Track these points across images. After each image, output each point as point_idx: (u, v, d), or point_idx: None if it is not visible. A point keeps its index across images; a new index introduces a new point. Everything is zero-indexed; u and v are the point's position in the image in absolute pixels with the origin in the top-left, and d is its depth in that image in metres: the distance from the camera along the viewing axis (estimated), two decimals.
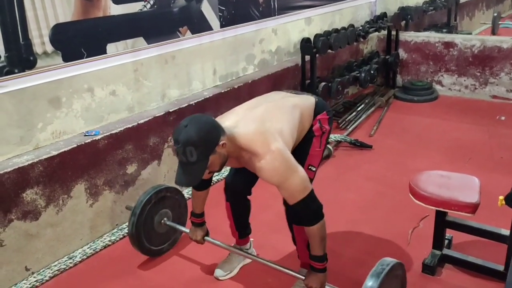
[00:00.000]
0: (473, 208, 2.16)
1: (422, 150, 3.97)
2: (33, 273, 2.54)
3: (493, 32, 7.29)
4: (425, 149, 3.98)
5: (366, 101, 5.17)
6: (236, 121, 1.95)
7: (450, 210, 2.23)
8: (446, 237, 2.52)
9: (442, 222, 2.42)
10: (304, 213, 1.93)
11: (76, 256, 2.72)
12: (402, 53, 5.63)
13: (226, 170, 3.27)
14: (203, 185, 2.26)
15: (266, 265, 2.28)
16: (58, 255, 2.67)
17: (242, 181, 2.34)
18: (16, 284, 2.47)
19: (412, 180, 2.42)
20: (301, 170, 1.88)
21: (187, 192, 3.18)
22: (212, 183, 2.38)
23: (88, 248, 2.79)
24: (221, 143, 1.79)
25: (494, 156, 3.77)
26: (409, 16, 6.10)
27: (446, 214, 2.41)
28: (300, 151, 2.18)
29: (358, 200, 3.25)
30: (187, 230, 2.50)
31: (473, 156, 3.76)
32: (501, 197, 2.01)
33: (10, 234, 2.42)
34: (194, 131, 1.73)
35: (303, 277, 2.07)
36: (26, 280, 2.50)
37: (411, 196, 2.37)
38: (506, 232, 2.26)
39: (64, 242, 2.69)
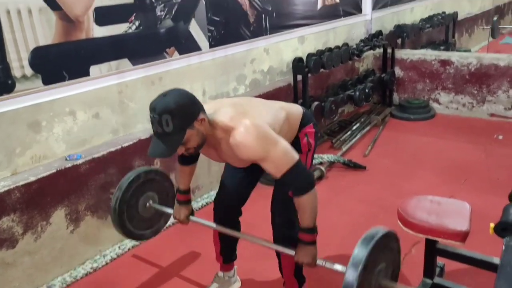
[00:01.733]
0: (462, 236, 2.06)
1: (418, 170, 3.88)
2: None
3: (493, 35, 7.17)
4: (421, 169, 3.89)
5: (362, 119, 5.10)
6: (216, 108, 1.87)
7: (439, 238, 2.13)
8: (437, 265, 2.41)
9: (432, 250, 2.31)
10: (293, 184, 1.81)
11: (55, 284, 2.63)
12: (398, 71, 5.57)
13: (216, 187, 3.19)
14: (188, 160, 2.16)
15: None
16: (36, 284, 2.59)
17: (232, 200, 2.26)
18: None
19: (401, 206, 2.32)
20: (282, 140, 1.78)
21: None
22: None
23: (68, 276, 2.70)
24: (200, 118, 1.71)
25: (491, 177, 3.67)
26: (405, 34, 6.06)
27: (437, 242, 2.30)
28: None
29: (351, 223, 3.15)
30: (171, 211, 2.34)
31: (469, 177, 3.67)
32: (492, 225, 1.91)
33: None
34: (172, 100, 1.65)
35: (293, 253, 1.92)
36: None
37: (399, 223, 2.27)
38: (498, 260, 2.15)
39: (42, 270, 2.61)
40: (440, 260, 2.44)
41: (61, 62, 2.68)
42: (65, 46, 2.68)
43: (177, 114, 1.64)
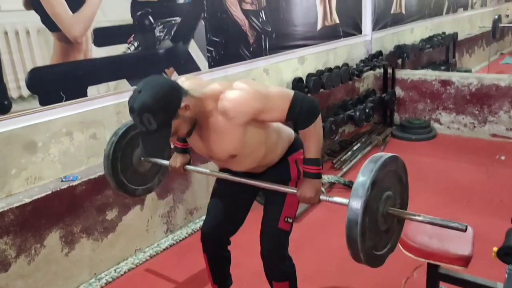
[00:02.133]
0: (465, 261, 2.01)
1: (419, 191, 3.82)
2: None
3: (494, 35, 7.14)
4: (422, 190, 3.83)
5: (363, 139, 5.07)
6: (201, 84, 1.78)
7: (441, 263, 2.08)
8: None
9: (434, 275, 2.25)
10: (300, 117, 1.72)
11: None
12: (399, 91, 5.57)
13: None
14: None
15: None
16: None
17: (220, 230, 2.17)
18: None
19: None
20: (270, 86, 1.74)
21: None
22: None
23: None
24: (183, 105, 1.60)
25: (493, 198, 3.62)
26: (405, 54, 6.08)
27: (439, 266, 2.25)
28: (274, 199, 2.02)
29: None
30: (167, 163, 2.17)
31: (472, 198, 3.61)
32: (495, 249, 1.87)
33: None
34: (149, 96, 1.53)
35: (295, 190, 1.81)
36: None
37: (400, 246, 2.22)
38: (501, 286, 2.09)
39: None
40: (443, 285, 2.38)
41: (58, 82, 2.67)
42: (63, 67, 2.67)
43: (157, 110, 1.54)
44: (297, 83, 4.15)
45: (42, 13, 2.53)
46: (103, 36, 2.85)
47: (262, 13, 4.08)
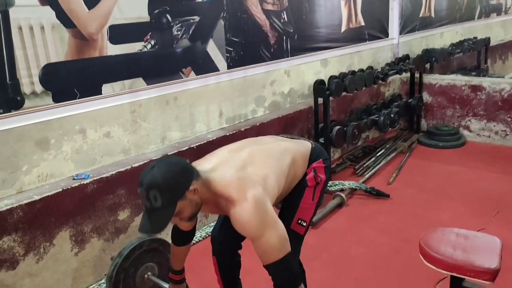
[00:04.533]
0: (491, 275, 1.85)
1: (445, 201, 3.64)
2: None
3: None
4: (448, 200, 3.65)
5: (387, 146, 4.90)
6: (215, 165, 1.76)
7: (465, 276, 1.92)
8: None
9: None
10: (276, 279, 1.66)
11: None
12: (426, 96, 5.37)
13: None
14: (182, 239, 2.05)
15: None
16: None
17: (230, 235, 2.07)
18: None
19: (423, 239, 2.12)
20: (280, 227, 1.64)
21: None
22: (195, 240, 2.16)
23: None
24: (192, 188, 1.58)
25: None
26: (433, 59, 5.87)
27: (464, 280, 2.09)
28: (290, 202, 1.97)
29: (370, 255, 2.94)
30: (167, 286, 2.25)
31: (501, 210, 3.40)
32: None
33: None
34: (159, 174, 1.54)
35: None
36: None
37: (421, 257, 2.08)
38: None
39: None
40: None
41: (72, 79, 2.64)
42: (78, 64, 2.64)
43: (165, 188, 1.53)
44: (318, 85, 4.02)
45: (57, 9, 2.51)
46: (119, 33, 2.81)
47: (284, 13, 3.99)
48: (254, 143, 1.95)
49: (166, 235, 2.34)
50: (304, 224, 1.95)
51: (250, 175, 1.70)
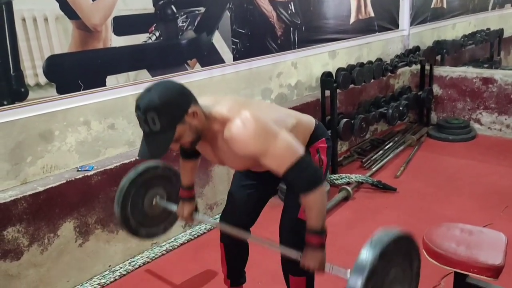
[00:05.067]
0: (494, 271, 1.82)
1: (453, 195, 3.59)
2: None
3: None
4: (456, 194, 3.60)
5: (396, 139, 4.85)
6: (216, 101, 1.71)
7: (468, 272, 1.89)
8: None
9: (462, 285, 2.07)
10: (298, 181, 1.61)
11: None
12: (437, 89, 5.29)
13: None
14: (190, 155, 2.01)
15: None
16: None
17: (240, 220, 2.09)
18: None
19: (427, 234, 2.09)
20: (284, 132, 1.60)
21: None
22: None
23: None
24: (191, 111, 1.53)
25: None
26: (444, 50, 5.77)
27: (467, 276, 2.06)
28: (293, 191, 1.93)
29: None
30: (175, 208, 2.19)
31: (510, 205, 3.35)
32: None
33: None
34: (157, 95, 1.48)
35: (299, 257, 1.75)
36: None
37: (424, 253, 2.05)
38: None
39: (48, 284, 2.53)
40: None
41: (76, 71, 2.63)
42: (82, 55, 2.64)
43: (164, 110, 1.48)
44: (325, 77, 3.98)
45: (61, 0, 2.50)
46: (124, 25, 2.80)
47: (291, 4, 3.94)
48: (258, 100, 1.93)
49: None
50: None
51: (248, 106, 1.66)
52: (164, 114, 1.49)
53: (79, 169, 2.67)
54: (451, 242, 2.00)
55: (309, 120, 1.95)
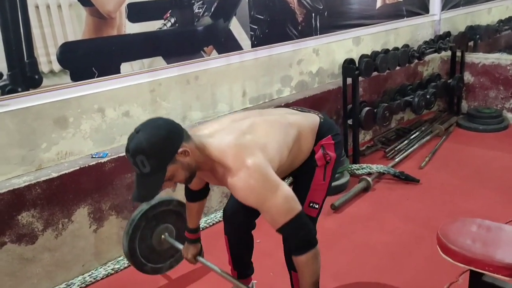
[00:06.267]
0: (511, 270, 1.71)
1: (479, 188, 3.44)
2: None
3: None
4: (482, 187, 3.44)
5: (423, 128, 4.68)
6: (215, 131, 1.69)
7: (483, 270, 1.79)
8: None
9: (477, 283, 1.97)
10: (291, 240, 1.61)
11: (75, 283, 2.59)
12: (468, 77, 5.07)
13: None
14: (196, 195, 2.01)
15: None
16: (56, 281, 2.56)
17: (243, 212, 2.04)
18: None
19: (441, 229, 1.99)
20: (284, 188, 1.57)
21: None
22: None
23: (88, 276, 2.65)
24: (182, 150, 1.51)
25: None
26: (477, 36, 5.51)
27: (484, 274, 1.95)
28: (300, 184, 1.89)
29: (392, 243, 2.83)
30: (181, 247, 2.23)
31: None
32: None
33: (2, 258, 2.34)
34: (144, 138, 1.46)
35: None
36: None
37: (438, 249, 1.96)
38: None
39: (63, 267, 2.58)
40: None
41: (90, 58, 2.64)
42: (96, 42, 2.64)
43: (152, 153, 1.45)
44: (347, 65, 3.86)
45: None
46: (138, 11, 2.79)
47: None
48: (259, 114, 1.86)
49: None
50: (317, 206, 1.88)
51: (248, 142, 1.61)
52: (153, 157, 1.46)
53: (94, 156, 2.69)
54: (467, 238, 1.90)
55: (313, 121, 1.88)
